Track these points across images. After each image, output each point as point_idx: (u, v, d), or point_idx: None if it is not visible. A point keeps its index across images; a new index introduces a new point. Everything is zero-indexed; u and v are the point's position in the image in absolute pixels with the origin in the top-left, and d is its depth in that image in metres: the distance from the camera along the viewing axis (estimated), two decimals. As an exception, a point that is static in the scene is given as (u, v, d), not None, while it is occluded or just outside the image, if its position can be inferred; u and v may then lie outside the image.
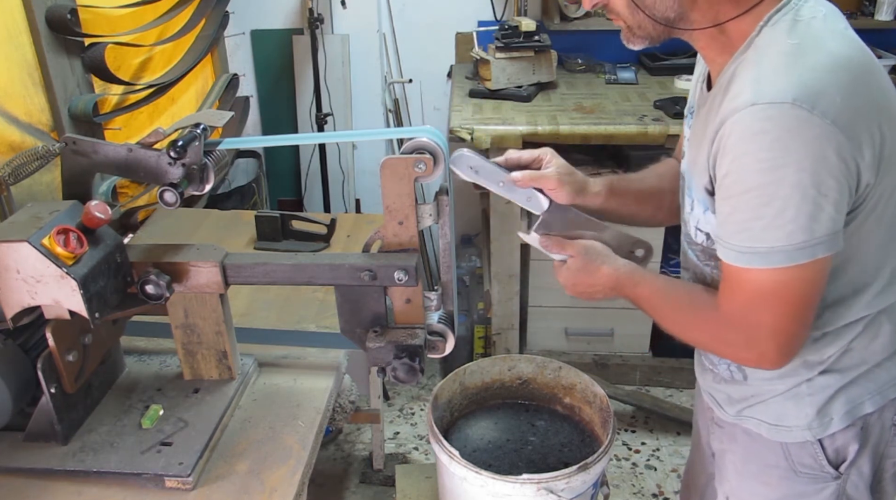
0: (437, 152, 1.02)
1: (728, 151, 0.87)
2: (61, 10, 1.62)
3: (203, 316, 1.18)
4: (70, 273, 0.98)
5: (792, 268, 0.87)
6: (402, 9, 2.83)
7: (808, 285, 0.89)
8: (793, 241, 0.85)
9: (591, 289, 1.09)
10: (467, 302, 2.79)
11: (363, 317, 1.10)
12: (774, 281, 0.89)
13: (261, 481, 1.08)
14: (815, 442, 1.05)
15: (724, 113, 0.88)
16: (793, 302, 0.90)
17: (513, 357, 1.66)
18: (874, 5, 2.65)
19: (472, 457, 1.47)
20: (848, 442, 1.04)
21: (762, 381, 1.07)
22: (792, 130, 0.82)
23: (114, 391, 1.23)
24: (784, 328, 0.91)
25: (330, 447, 2.45)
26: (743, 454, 1.14)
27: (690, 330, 1.02)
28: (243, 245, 1.77)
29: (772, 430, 1.07)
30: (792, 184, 0.83)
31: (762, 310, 0.91)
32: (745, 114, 0.85)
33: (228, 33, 2.75)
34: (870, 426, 1.04)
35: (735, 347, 0.97)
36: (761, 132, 0.83)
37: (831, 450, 1.05)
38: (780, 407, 1.06)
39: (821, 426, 1.04)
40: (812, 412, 1.03)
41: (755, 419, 1.09)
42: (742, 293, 0.92)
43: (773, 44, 0.89)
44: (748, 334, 0.93)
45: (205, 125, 1.08)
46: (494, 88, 2.44)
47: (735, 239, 0.89)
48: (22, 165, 1.26)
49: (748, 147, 0.85)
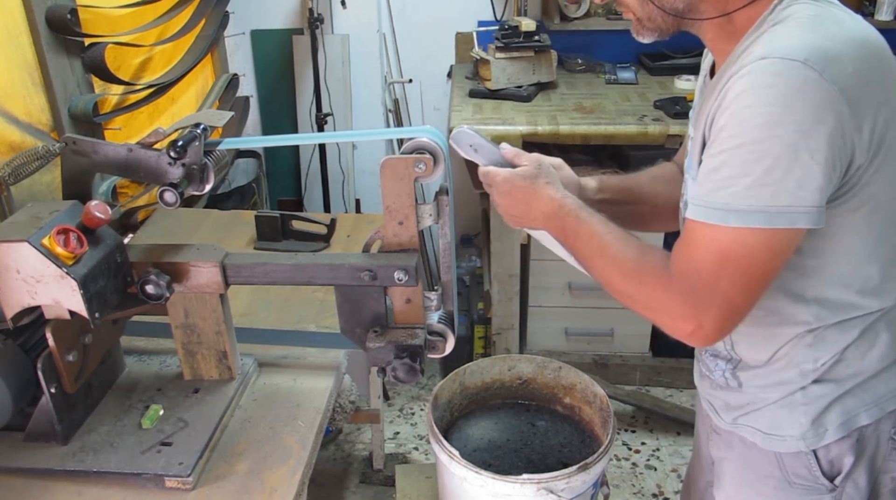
0: (437, 152, 1.02)
1: (729, 104, 0.84)
2: (61, 10, 1.62)
3: (203, 316, 1.18)
4: (70, 273, 0.98)
5: (765, 232, 0.83)
6: (402, 9, 2.83)
7: (773, 257, 0.86)
8: (776, 202, 0.82)
9: (526, 202, 1.04)
10: (467, 302, 2.79)
11: (363, 317, 1.10)
12: (742, 244, 0.85)
13: (261, 481, 1.08)
14: (809, 453, 1.02)
15: (731, 74, 0.86)
16: (753, 273, 0.86)
17: (513, 357, 1.66)
18: (874, 5, 2.65)
19: (472, 457, 1.47)
20: (843, 454, 1.01)
21: (756, 388, 1.04)
22: (799, 89, 0.80)
23: (114, 391, 1.23)
24: (734, 300, 0.87)
25: (330, 447, 2.45)
26: (739, 462, 1.11)
27: (627, 284, 0.96)
28: (243, 245, 1.77)
29: (766, 439, 1.05)
30: (787, 144, 0.81)
31: (720, 274, 0.86)
32: (754, 66, 0.82)
33: (228, 33, 2.75)
34: (866, 439, 1.00)
35: (673, 313, 0.91)
36: (767, 86, 0.81)
37: (826, 462, 1.01)
38: (775, 416, 1.03)
39: (815, 437, 1.00)
40: (806, 422, 1.00)
41: (750, 427, 1.07)
42: (702, 253, 0.87)
43: (790, 15, 0.87)
44: (696, 299, 0.88)
45: (205, 125, 1.08)
46: (494, 88, 2.44)
47: (713, 196, 0.85)
48: (22, 165, 1.26)
49: (750, 100, 0.82)
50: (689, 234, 0.89)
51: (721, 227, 0.85)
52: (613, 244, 0.98)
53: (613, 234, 0.99)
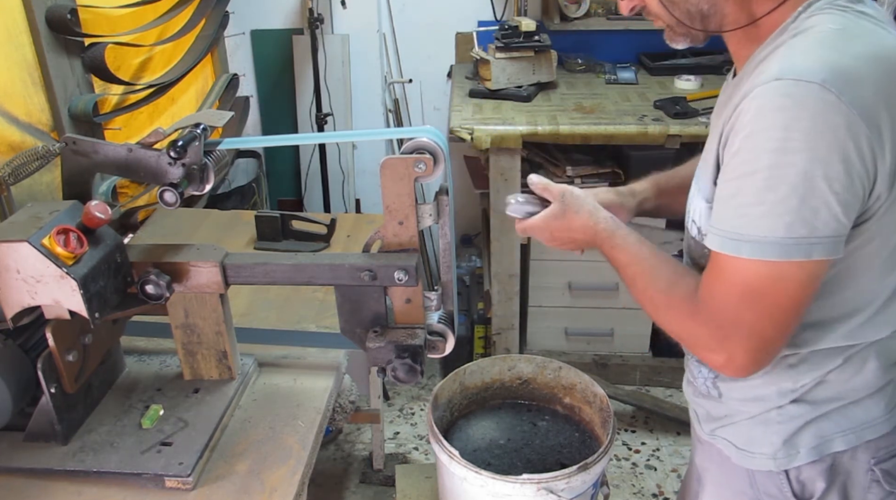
0: (437, 152, 1.02)
1: (743, 127, 0.80)
2: (61, 10, 1.62)
3: (203, 316, 1.18)
4: (70, 273, 0.98)
5: (784, 264, 0.80)
6: (402, 9, 2.83)
7: (799, 288, 0.82)
8: (791, 234, 0.78)
9: (567, 236, 1.05)
10: (467, 302, 2.79)
11: (363, 317, 1.10)
12: (763, 276, 0.81)
13: (261, 481, 1.08)
14: (780, 473, 0.99)
15: (746, 90, 0.82)
16: (778, 303, 0.83)
17: (513, 357, 1.66)
18: (874, 5, 2.65)
19: (472, 457, 1.47)
20: (814, 478, 0.97)
21: (735, 401, 1.02)
22: (815, 113, 0.76)
23: (114, 391, 1.23)
24: (762, 331, 0.84)
25: (330, 447, 2.45)
26: (717, 474, 1.10)
27: (663, 314, 0.95)
28: (243, 245, 1.77)
29: (739, 454, 1.02)
30: (802, 172, 0.76)
31: (744, 306, 0.83)
32: (768, 88, 0.78)
33: (228, 33, 2.75)
34: (840, 466, 0.97)
35: (705, 343, 0.89)
36: (780, 109, 0.77)
37: (797, 483, 0.99)
38: (750, 432, 1.01)
39: (786, 457, 0.98)
40: (778, 441, 0.98)
41: (726, 441, 1.05)
42: (725, 285, 0.85)
43: (811, 28, 0.83)
44: (723, 332, 0.86)
45: (205, 125, 1.08)
46: (494, 88, 2.44)
47: (729, 224, 0.83)
48: (22, 165, 1.26)
49: (764, 123, 0.78)
50: (713, 264, 0.87)
51: (740, 258, 0.82)
52: (644, 273, 0.97)
53: (646, 261, 0.98)
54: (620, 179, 2.42)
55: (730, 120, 0.84)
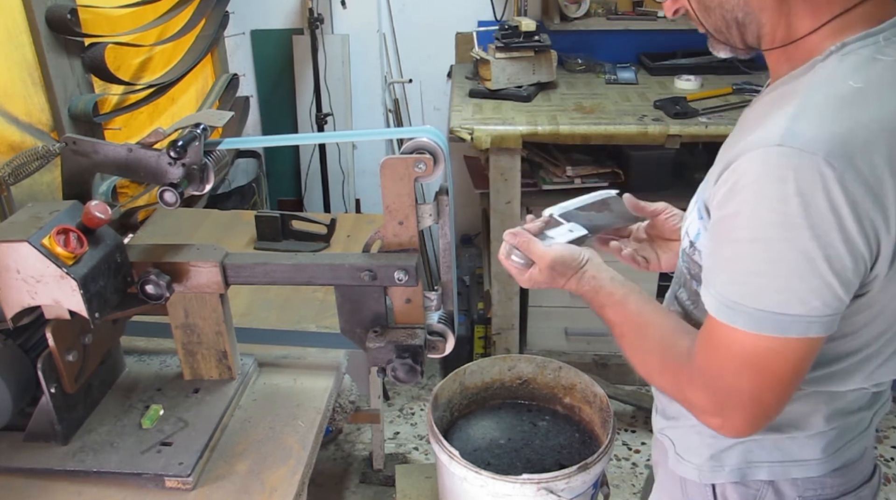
0: (437, 152, 1.02)
1: (742, 189, 0.76)
2: (61, 10, 1.62)
3: (203, 316, 1.18)
4: (70, 273, 0.98)
5: (781, 339, 0.77)
6: (402, 9, 2.83)
7: (798, 360, 0.79)
8: (787, 311, 0.76)
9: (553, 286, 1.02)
10: (467, 302, 2.79)
11: (363, 317, 1.10)
12: (759, 348, 0.78)
13: (261, 481, 1.08)
14: (707, 486, 0.99)
15: (750, 142, 0.76)
16: (777, 374, 0.80)
17: (513, 357, 1.66)
18: (874, 5, 2.65)
19: (472, 457, 1.47)
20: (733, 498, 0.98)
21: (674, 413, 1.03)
22: (816, 188, 0.71)
23: (114, 391, 1.23)
24: (761, 400, 0.82)
25: (330, 447, 2.45)
26: (661, 473, 1.11)
27: (657, 377, 0.93)
28: (243, 245, 1.77)
29: (675, 459, 1.03)
30: (801, 250, 0.73)
31: (741, 376, 0.81)
32: (769, 153, 0.73)
33: (228, 33, 2.75)
34: (762, 496, 0.96)
35: (701, 407, 0.86)
36: (782, 181, 0.72)
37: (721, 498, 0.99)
38: (687, 438, 1.01)
39: (710, 471, 0.98)
40: (707, 454, 0.97)
41: (669, 441, 1.05)
42: (721, 352, 0.82)
43: (831, 80, 0.77)
44: (719, 398, 0.83)
45: (205, 125, 1.08)
46: (494, 88, 2.44)
47: (726, 289, 0.79)
48: (22, 165, 1.26)
49: (766, 191, 0.74)
50: (709, 328, 0.84)
51: (737, 330, 0.79)
52: (635, 334, 0.94)
53: (634, 320, 0.95)
54: (620, 178, 2.42)
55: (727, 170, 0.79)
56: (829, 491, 0.95)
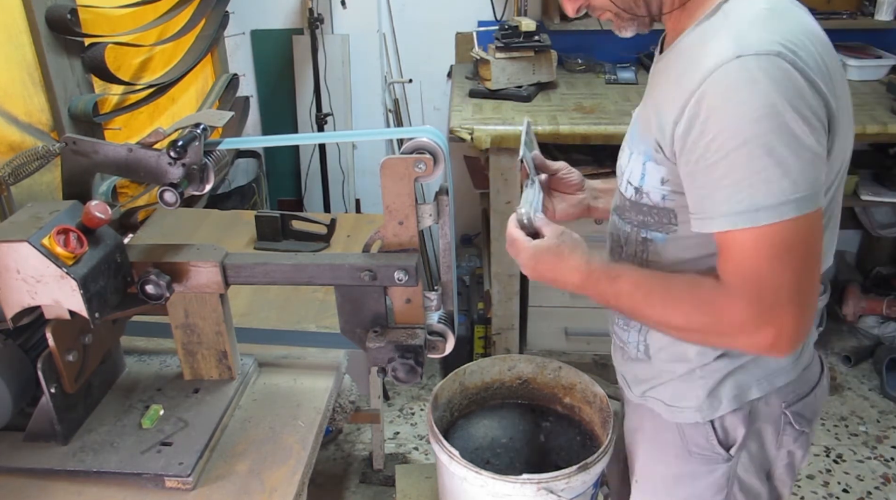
0: (437, 152, 1.02)
1: (714, 109, 0.84)
2: (61, 10, 1.62)
3: (203, 316, 1.18)
4: (70, 273, 0.98)
5: (801, 218, 0.83)
6: (402, 9, 2.83)
7: (816, 237, 0.86)
8: (798, 190, 0.82)
9: (552, 275, 1.02)
10: (467, 302, 2.79)
11: (363, 317, 1.10)
12: (785, 234, 0.84)
13: (261, 481, 1.08)
14: (706, 423, 1.08)
15: (701, 73, 0.85)
16: (805, 256, 0.85)
17: (513, 357, 1.66)
18: (874, 5, 2.65)
19: (472, 456, 1.47)
20: (736, 425, 1.07)
21: (663, 362, 1.10)
22: (781, 80, 0.82)
23: (114, 391, 1.23)
24: (804, 288, 0.86)
25: (330, 447, 2.45)
26: (649, 434, 1.19)
27: (689, 319, 0.93)
28: (243, 245, 1.77)
29: (669, 410, 1.12)
30: (790, 132, 0.82)
31: (780, 269, 0.85)
32: (730, 67, 0.83)
33: (228, 33, 2.75)
34: (756, 412, 1.07)
35: (748, 327, 0.87)
36: (752, 82, 0.82)
37: (721, 432, 1.08)
38: (677, 389, 1.10)
39: (710, 408, 1.07)
40: (703, 395, 1.07)
41: (656, 400, 1.13)
42: (752, 257, 0.85)
43: (749, 6, 0.90)
44: (766, 303, 0.86)
45: (205, 125, 1.08)
46: (494, 88, 2.44)
47: (731, 203, 0.85)
48: (22, 165, 1.26)
49: (742, 97, 0.82)
50: (728, 247, 0.88)
51: (759, 228, 0.84)
52: (657, 288, 0.96)
53: (654, 278, 0.97)
54: (620, 179, 2.42)
55: (687, 106, 0.87)
56: (801, 391, 1.09)
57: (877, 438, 2.46)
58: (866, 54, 2.62)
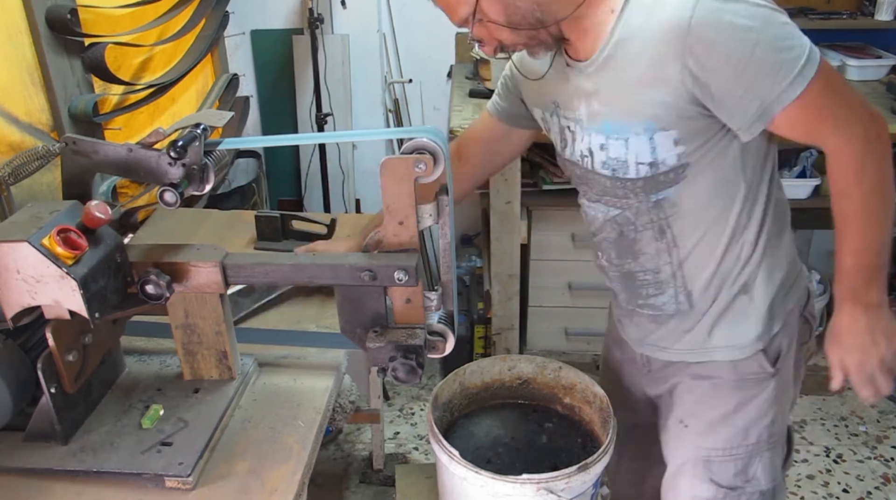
0: (437, 152, 1.02)
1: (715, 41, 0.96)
2: (61, 10, 1.62)
3: (203, 316, 1.18)
4: (70, 273, 0.98)
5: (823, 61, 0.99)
6: (402, 9, 2.83)
7: None
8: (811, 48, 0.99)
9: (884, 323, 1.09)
10: (467, 302, 2.79)
11: (363, 317, 1.10)
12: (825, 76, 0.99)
13: (261, 481, 1.08)
14: (758, 353, 1.18)
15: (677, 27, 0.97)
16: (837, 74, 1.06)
17: (513, 357, 1.66)
18: (874, 5, 2.65)
19: (473, 455, 1.47)
20: (781, 340, 1.19)
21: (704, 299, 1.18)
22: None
23: (114, 391, 1.23)
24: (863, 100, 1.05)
25: (330, 447, 2.45)
26: (694, 379, 1.25)
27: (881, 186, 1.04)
28: (243, 245, 1.77)
29: (726, 352, 1.20)
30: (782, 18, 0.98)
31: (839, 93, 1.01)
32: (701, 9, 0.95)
33: (228, 33, 2.75)
34: (790, 321, 1.19)
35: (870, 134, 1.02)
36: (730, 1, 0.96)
37: (772, 351, 1.19)
38: (737, 327, 1.18)
39: (766, 333, 1.18)
40: (760, 323, 1.17)
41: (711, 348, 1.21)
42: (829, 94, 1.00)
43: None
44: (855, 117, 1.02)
45: (205, 125, 1.08)
46: (494, 88, 2.44)
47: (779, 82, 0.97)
48: (22, 165, 1.26)
49: (730, 19, 0.96)
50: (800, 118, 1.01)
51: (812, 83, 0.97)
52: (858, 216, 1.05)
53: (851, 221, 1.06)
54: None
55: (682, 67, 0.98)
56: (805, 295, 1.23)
57: (877, 438, 2.46)
58: (866, 54, 2.62)
